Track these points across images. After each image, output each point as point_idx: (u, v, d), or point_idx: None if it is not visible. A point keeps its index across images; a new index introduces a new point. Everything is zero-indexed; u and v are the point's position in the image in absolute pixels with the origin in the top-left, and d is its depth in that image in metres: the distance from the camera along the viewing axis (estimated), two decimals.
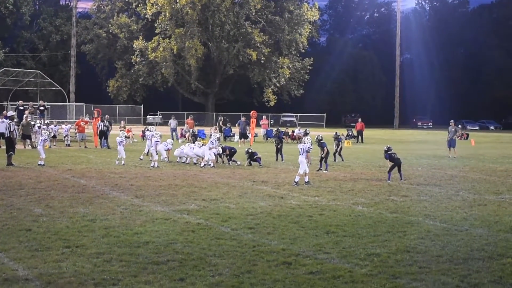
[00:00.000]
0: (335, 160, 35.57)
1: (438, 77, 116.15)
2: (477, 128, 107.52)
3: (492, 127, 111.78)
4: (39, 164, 31.37)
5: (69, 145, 47.43)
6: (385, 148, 28.38)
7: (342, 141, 34.84)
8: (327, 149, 30.45)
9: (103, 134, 46.60)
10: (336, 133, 37.00)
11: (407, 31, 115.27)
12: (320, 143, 30.53)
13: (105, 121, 47.81)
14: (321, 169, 30.51)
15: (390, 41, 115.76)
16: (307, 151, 25.86)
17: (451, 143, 42.97)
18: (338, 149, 36.23)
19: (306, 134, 33.31)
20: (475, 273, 12.30)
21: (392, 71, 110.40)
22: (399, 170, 27.68)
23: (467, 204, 21.23)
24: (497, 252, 14.05)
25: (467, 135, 70.40)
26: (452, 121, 46.09)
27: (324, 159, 30.59)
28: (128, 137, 49.01)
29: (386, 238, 15.25)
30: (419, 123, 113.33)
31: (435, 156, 39.73)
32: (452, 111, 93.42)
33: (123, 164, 32.27)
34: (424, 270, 12.39)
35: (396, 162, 27.59)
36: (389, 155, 27.82)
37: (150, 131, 37.27)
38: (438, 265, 12.80)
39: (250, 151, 34.07)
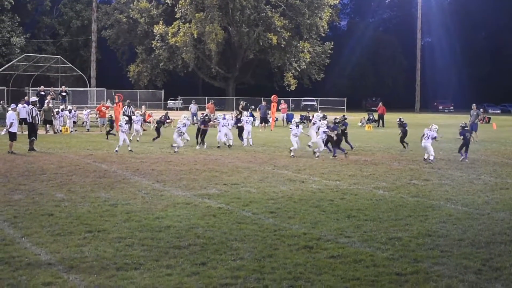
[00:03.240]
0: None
1: (459, 61, 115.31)
2: (498, 111, 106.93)
3: None
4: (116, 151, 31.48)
5: (88, 130, 47.61)
6: (461, 124, 29.02)
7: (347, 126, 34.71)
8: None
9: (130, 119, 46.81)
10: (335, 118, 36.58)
11: (428, 15, 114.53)
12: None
13: (132, 106, 48.07)
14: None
15: (411, 25, 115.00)
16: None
17: (473, 127, 42.75)
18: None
19: (324, 117, 33.11)
20: (497, 256, 12.26)
21: (413, 55, 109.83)
22: (466, 150, 28.59)
23: (488, 188, 21.14)
24: None
25: (489, 118, 70.03)
26: (474, 104, 45.84)
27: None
28: (149, 122, 49.10)
29: (407, 222, 15.22)
30: (441, 107, 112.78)
31: (456, 140, 39.45)
32: (473, 94, 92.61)
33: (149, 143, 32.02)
34: (445, 254, 12.36)
35: (466, 141, 28.56)
36: (464, 131, 28.47)
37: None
38: (459, 249, 12.76)
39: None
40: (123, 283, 10.48)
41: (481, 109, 66.30)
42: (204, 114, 37.24)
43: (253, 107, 63.03)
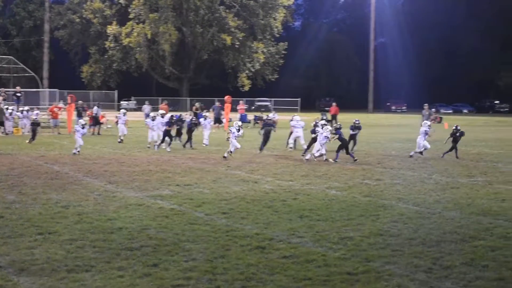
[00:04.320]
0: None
1: (412, 61, 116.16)
2: (450, 111, 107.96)
3: (465, 111, 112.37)
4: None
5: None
6: (338, 125, 29.15)
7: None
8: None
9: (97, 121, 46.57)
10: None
11: (382, 15, 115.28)
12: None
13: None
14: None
15: (365, 25, 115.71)
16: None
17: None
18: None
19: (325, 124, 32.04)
20: (447, 255, 12.38)
21: (366, 56, 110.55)
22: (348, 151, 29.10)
23: (440, 187, 21.38)
24: (469, 234, 14.15)
25: (441, 118, 70.66)
26: (426, 104, 46.39)
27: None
28: (102, 123, 48.78)
29: (359, 222, 15.32)
30: (393, 107, 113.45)
31: (408, 140, 39.78)
32: (426, 94, 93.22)
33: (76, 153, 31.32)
34: (397, 253, 12.46)
35: (343, 142, 28.66)
36: (340, 133, 28.50)
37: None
38: (410, 248, 12.88)
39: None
40: (74, 285, 10.40)
41: (433, 109, 67.09)
42: (192, 117, 37.03)
43: (201, 104, 63.05)
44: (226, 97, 56.47)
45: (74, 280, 10.61)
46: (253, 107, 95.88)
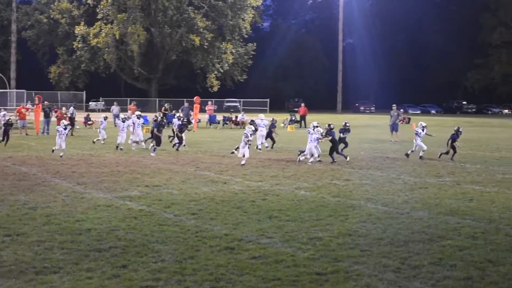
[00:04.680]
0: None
1: (380, 62, 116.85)
2: (418, 112, 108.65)
3: (433, 111, 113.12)
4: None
5: None
6: (331, 126, 28.96)
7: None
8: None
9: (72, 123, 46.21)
10: (273, 119, 36.59)
11: (350, 17, 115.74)
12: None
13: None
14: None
15: (333, 26, 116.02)
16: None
17: (393, 127, 43.48)
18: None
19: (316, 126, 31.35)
20: (416, 255, 12.45)
21: (335, 56, 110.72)
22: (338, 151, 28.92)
23: (408, 187, 21.50)
24: (437, 234, 14.24)
25: (409, 119, 70.99)
26: (394, 105, 46.53)
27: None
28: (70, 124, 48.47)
29: (328, 222, 15.35)
30: (362, 108, 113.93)
31: (377, 140, 40.09)
32: (394, 95, 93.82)
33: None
34: (365, 253, 12.51)
35: (334, 144, 28.77)
36: (333, 134, 28.50)
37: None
38: (379, 248, 12.93)
39: None
40: (42, 287, 10.33)
41: (402, 110, 67.40)
42: (183, 118, 36.78)
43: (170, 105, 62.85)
44: (195, 98, 56.41)
45: (42, 282, 10.54)
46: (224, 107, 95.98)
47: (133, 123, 34.83)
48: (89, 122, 53.22)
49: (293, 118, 63.17)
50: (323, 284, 10.66)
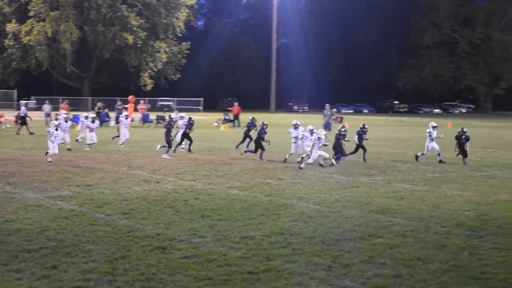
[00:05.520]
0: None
1: (314, 62, 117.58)
2: (351, 111, 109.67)
3: (366, 111, 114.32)
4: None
5: None
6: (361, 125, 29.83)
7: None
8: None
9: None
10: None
11: (284, 16, 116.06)
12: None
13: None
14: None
15: (267, 26, 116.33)
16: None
17: (326, 126, 43.84)
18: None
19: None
20: (347, 253, 12.57)
21: (269, 56, 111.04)
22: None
23: (340, 186, 21.68)
24: (368, 232, 14.40)
25: (342, 118, 71.59)
26: (327, 104, 47.00)
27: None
28: (1, 122, 47.78)
29: (260, 221, 15.40)
30: (295, 107, 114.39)
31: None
32: (327, 95, 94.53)
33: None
34: (297, 252, 12.57)
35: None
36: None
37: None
38: (311, 247, 13.01)
39: None
40: None
41: (335, 109, 67.93)
42: (189, 117, 35.57)
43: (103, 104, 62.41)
44: (130, 97, 56.08)
45: None
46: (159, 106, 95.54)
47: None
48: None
49: (227, 117, 63.20)
50: (254, 283, 10.68)
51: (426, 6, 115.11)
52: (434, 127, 29.97)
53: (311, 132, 27.64)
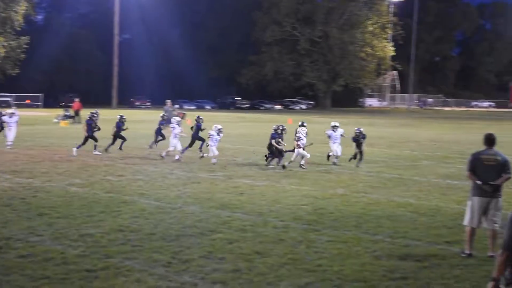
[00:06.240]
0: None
1: (156, 57, 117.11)
2: (194, 107, 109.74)
3: (208, 107, 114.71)
4: None
5: None
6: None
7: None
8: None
9: None
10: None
11: (126, 11, 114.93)
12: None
13: None
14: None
15: (109, 21, 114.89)
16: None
17: (168, 122, 43.81)
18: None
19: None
20: (186, 249, 12.64)
21: (111, 51, 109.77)
22: None
23: (181, 182, 21.77)
24: (208, 228, 14.51)
25: (184, 114, 71.62)
26: (168, 100, 46.96)
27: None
28: None
29: (100, 218, 15.27)
30: (137, 103, 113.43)
31: (151, 135, 39.87)
32: (170, 91, 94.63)
33: None
34: (136, 249, 12.55)
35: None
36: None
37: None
38: (150, 243, 13.01)
39: None
40: None
41: (177, 105, 67.93)
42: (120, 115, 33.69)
43: None
44: None
45: None
46: None
47: None
48: None
49: (67, 114, 62.04)
50: (92, 281, 10.59)
51: (267, 4, 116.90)
52: (334, 127, 28.62)
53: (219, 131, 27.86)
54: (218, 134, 27.67)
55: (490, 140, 12.87)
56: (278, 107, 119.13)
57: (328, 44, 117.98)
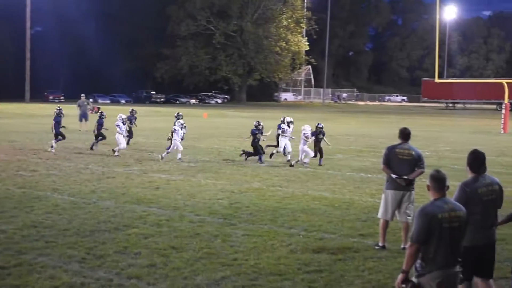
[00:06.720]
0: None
1: (70, 51, 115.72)
2: (108, 101, 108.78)
3: (123, 101, 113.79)
4: None
5: None
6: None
7: None
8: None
9: None
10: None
11: (39, 3, 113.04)
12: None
13: None
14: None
15: (21, 13, 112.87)
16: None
17: (83, 116, 43.43)
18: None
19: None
20: (101, 244, 12.54)
21: (23, 44, 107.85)
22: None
23: (96, 177, 21.58)
24: (123, 223, 14.43)
25: (98, 108, 70.88)
26: (82, 94, 46.49)
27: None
28: None
29: (13, 214, 15.04)
30: (51, 97, 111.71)
31: (74, 131, 39.27)
32: (84, 85, 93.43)
33: None
34: (50, 245, 12.40)
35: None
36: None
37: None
38: (64, 239, 12.88)
39: None
40: None
41: (91, 100, 67.25)
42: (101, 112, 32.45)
43: None
44: None
45: None
46: None
47: None
48: None
49: None
50: (5, 278, 10.43)
51: None
52: (289, 123, 28.51)
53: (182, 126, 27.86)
54: (181, 129, 27.55)
55: (405, 135, 13.10)
56: (193, 101, 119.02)
57: (243, 39, 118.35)
